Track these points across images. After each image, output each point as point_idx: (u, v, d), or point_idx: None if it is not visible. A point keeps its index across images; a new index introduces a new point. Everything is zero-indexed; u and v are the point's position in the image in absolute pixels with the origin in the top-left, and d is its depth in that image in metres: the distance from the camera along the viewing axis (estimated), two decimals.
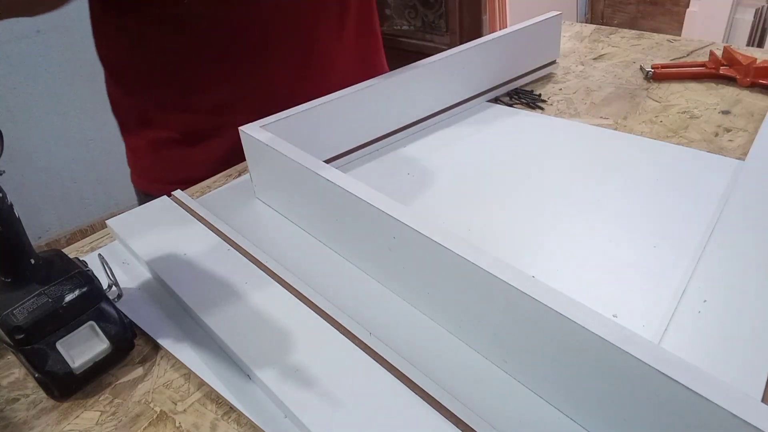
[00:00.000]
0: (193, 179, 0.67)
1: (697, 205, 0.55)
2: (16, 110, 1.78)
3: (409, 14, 2.39)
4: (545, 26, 0.82)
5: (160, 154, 0.77)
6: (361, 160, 0.68)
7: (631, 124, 0.72)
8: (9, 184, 0.37)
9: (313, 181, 0.50)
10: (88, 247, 0.58)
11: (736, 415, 0.26)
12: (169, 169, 0.77)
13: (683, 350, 0.40)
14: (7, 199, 0.39)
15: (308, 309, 0.45)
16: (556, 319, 0.33)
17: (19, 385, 0.43)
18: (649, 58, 0.92)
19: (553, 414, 0.37)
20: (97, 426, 0.39)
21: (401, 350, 0.41)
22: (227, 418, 0.39)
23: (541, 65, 0.86)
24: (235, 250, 0.52)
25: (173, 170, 0.77)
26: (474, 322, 0.40)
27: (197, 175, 0.69)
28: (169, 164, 0.77)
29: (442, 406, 0.36)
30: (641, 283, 0.47)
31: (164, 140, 0.75)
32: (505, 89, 0.82)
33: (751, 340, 0.40)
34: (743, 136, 0.67)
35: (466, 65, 0.74)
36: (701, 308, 0.43)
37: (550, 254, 0.51)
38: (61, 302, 0.41)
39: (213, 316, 0.45)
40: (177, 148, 0.75)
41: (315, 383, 0.39)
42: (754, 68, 0.77)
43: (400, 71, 0.68)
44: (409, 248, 0.43)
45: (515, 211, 0.57)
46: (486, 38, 0.76)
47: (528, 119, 0.75)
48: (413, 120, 0.72)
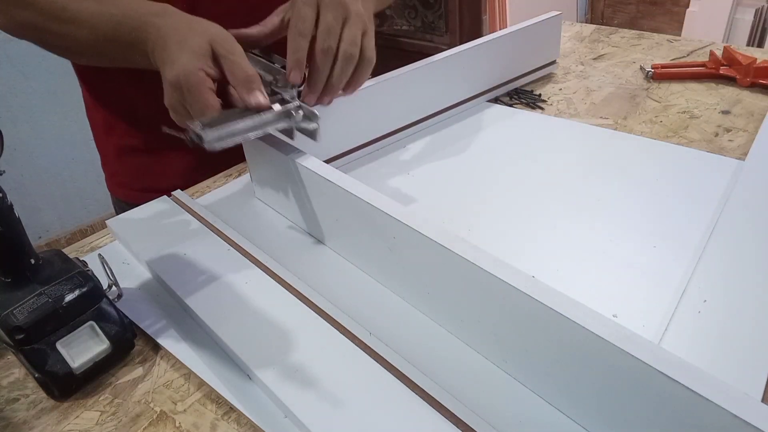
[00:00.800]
0: (161, 189, 0.63)
1: (697, 205, 0.55)
2: (16, 110, 1.78)
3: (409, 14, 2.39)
4: (545, 26, 0.82)
5: (126, 160, 0.75)
6: (361, 160, 0.68)
7: (631, 124, 0.72)
8: (9, 184, 0.37)
9: (313, 182, 0.50)
10: (88, 247, 0.58)
11: (737, 415, 0.26)
12: (135, 176, 0.75)
13: (683, 350, 0.40)
14: (7, 199, 0.39)
15: (308, 309, 0.45)
16: (556, 319, 0.33)
17: (19, 385, 0.43)
18: (649, 58, 0.92)
19: (552, 414, 0.37)
20: (97, 426, 0.39)
21: (401, 350, 0.41)
22: (227, 418, 0.39)
23: (541, 65, 0.86)
24: (235, 250, 0.52)
25: (139, 178, 0.75)
26: (474, 322, 0.40)
27: (163, 184, 0.65)
28: (135, 172, 0.75)
29: (442, 406, 0.36)
30: (641, 283, 0.47)
31: (129, 148, 0.73)
32: (505, 89, 0.82)
33: (751, 340, 0.40)
34: (743, 136, 0.67)
35: (467, 65, 0.74)
36: (701, 308, 0.43)
37: (550, 254, 0.51)
38: (61, 302, 0.41)
39: (213, 316, 0.45)
40: (141, 157, 0.73)
41: (315, 383, 0.39)
42: (754, 68, 0.77)
43: (400, 71, 0.68)
44: (409, 248, 0.43)
45: (515, 211, 0.57)
46: (486, 38, 0.76)
47: (528, 119, 0.75)
48: (413, 120, 0.72)
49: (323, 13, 0.49)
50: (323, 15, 0.49)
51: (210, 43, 0.47)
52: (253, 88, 0.47)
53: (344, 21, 0.50)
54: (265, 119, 0.47)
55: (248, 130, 0.46)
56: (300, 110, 0.49)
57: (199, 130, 0.43)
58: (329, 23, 0.49)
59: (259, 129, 0.47)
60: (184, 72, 0.46)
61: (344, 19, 0.50)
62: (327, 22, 0.49)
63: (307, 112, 0.49)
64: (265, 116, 0.47)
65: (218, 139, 0.44)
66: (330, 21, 0.49)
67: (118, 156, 0.76)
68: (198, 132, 0.43)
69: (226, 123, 0.45)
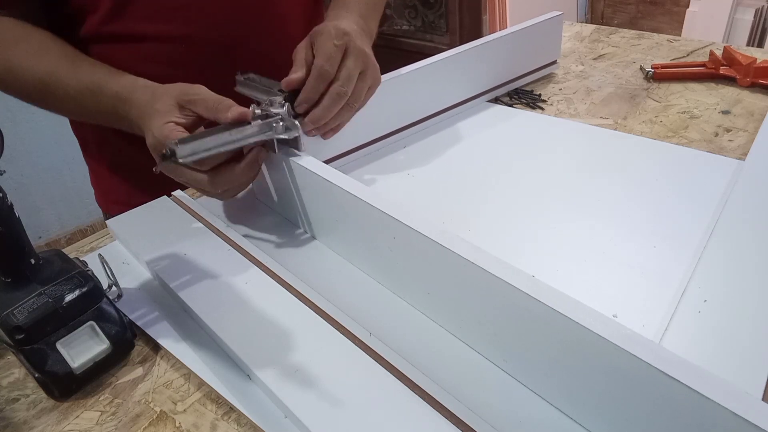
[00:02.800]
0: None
1: (697, 205, 0.55)
2: (16, 110, 1.77)
3: (409, 14, 2.39)
4: (546, 26, 0.82)
5: (117, 176, 0.74)
6: (361, 160, 0.68)
7: (631, 124, 0.72)
8: (9, 184, 0.37)
9: (312, 182, 0.50)
10: (88, 247, 0.58)
11: (737, 413, 0.26)
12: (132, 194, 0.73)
13: (683, 349, 0.40)
14: (7, 199, 0.39)
15: (308, 309, 0.45)
16: (556, 319, 0.33)
17: (19, 385, 0.43)
18: (649, 58, 0.92)
19: (553, 413, 0.37)
20: (97, 426, 0.39)
21: (401, 350, 0.41)
22: (227, 418, 0.39)
23: (541, 65, 0.86)
24: (235, 250, 0.52)
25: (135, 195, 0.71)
26: (474, 321, 0.40)
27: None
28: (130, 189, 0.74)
29: (442, 406, 0.36)
30: (641, 283, 0.47)
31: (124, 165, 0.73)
32: (505, 89, 0.82)
33: (752, 339, 0.40)
34: (743, 136, 0.67)
35: (467, 65, 0.74)
36: (701, 308, 0.43)
37: (550, 254, 0.51)
38: (61, 302, 0.41)
39: (213, 316, 0.45)
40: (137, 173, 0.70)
41: (315, 383, 0.39)
42: (754, 68, 0.77)
43: (400, 72, 0.68)
44: (409, 248, 0.42)
45: (515, 211, 0.57)
46: (487, 38, 0.76)
47: (528, 119, 0.75)
48: (413, 120, 0.72)
49: (348, 58, 0.53)
50: (347, 61, 0.53)
51: (175, 99, 0.50)
52: (225, 106, 0.49)
53: (362, 72, 0.54)
54: (244, 133, 0.49)
55: (224, 144, 0.47)
56: (281, 122, 0.50)
57: (173, 145, 0.45)
58: (350, 71, 0.53)
59: (237, 142, 0.48)
60: (158, 133, 0.49)
61: (363, 70, 0.54)
62: (349, 70, 0.53)
63: (288, 124, 0.51)
64: (245, 130, 0.49)
65: (191, 152, 0.45)
66: (351, 69, 0.53)
67: (111, 173, 0.75)
68: (171, 147, 0.44)
69: (201, 138, 0.46)
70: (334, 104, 0.52)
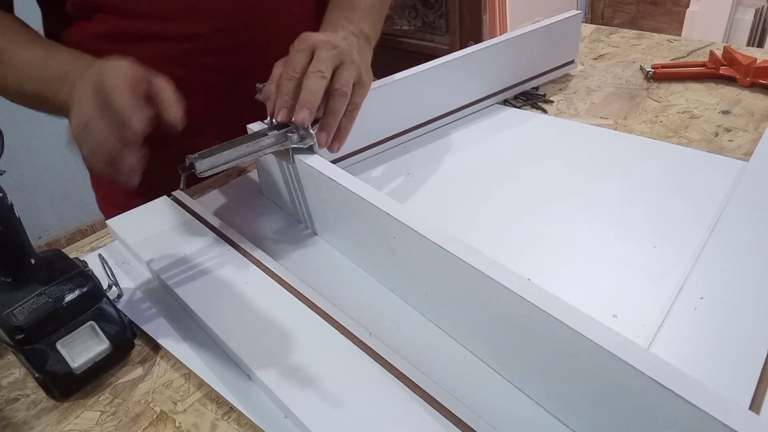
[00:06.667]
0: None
1: (696, 205, 0.55)
2: (16, 110, 1.77)
3: (409, 14, 2.39)
4: (564, 26, 0.80)
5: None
6: (368, 161, 0.68)
7: (631, 124, 0.72)
8: (9, 184, 0.37)
9: (316, 181, 0.50)
10: (88, 247, 0.58)
11: (726, 424, 0.26)
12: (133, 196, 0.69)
13: (677, 346, 0.41)
14: (7, 199, 0.39)
15: (308, 309, 0.45)
16: (549, 322, 0.33)
17: (19, 385, 0.43)
18: (649, 58, 0.92)
19: (547, 419, 0.37)
20: (97, 426, 0.39)
21: (401, 350, 0.41)
22: (227, 418, 0.39)
23: (559, 65, 0.84)
24: (235, 250, 0.52)
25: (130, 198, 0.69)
26: (471, 323, 0.40)
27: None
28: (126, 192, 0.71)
29: (441, 406, 0.36)
30: (641, 284, 0.47)
31: None
32: (521, 89, 0.81)
33: (746, 336, 0.40)
34: (743, 136, 0.67)
35: (482, 66, 0.74)
36: (698, 305, 0.43)
37: (550, 254, 0.51)
38: (61, 302, 0.41)
39: (213, 316, 0.45)
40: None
41: (315, 383, 0.39)
42: (754, 68, 0.77)
43: (408, 72, 0.67)
44: (408, 248, 0.42)
45: (515, 211, 0.57)
46: (503, 37, 0.74)
47: (528, 119, 0.75)
48: (420, 122, 0.72)
49: (317, 53, 0.52)
50: (316, 54, 0.52)
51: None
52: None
53: (339, 64, 0.52)
54: (261, 144, 0.50)
55: (241, 156, 0.49)
56: (296, 132, 0.51)
57: (193, 159, 0.46)
58: (321, 58, 0.51)
59: (254, 154, 0.50)
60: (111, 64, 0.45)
61: (339, 63, 0.52)
62: (320, 58, 0.51)
63: (303, 133, 0.51)
64: (261, 142, 0.50)
65: (210, 166, 0.47)
66: (323, 57, 0.51)
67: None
68: (191, 161, 0.46)
69: (220, 153, 0.48)
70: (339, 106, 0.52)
